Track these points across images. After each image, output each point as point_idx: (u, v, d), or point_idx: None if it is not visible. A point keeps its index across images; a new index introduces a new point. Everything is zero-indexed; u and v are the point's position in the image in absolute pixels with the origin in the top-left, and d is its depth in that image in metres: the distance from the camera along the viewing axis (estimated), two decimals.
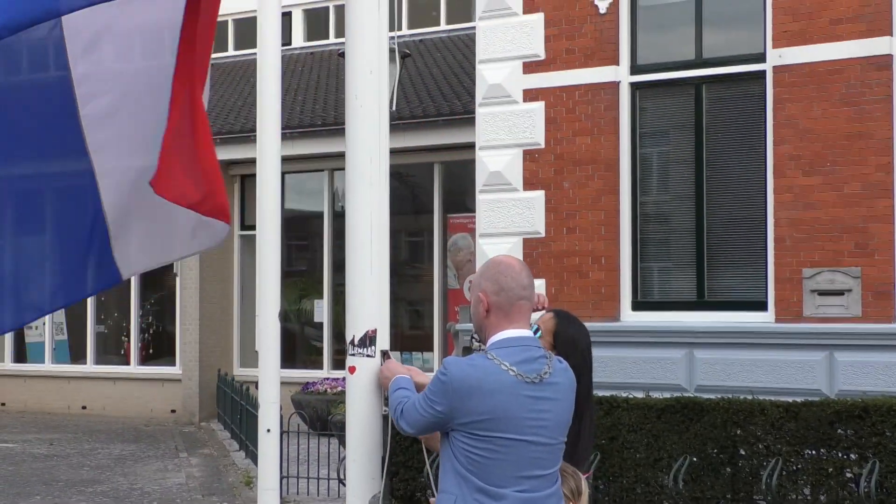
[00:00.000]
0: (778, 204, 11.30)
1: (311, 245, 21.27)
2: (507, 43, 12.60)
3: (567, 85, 12.31)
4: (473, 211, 13.29)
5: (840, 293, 10.97)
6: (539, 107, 12.44)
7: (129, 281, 22.09)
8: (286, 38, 23.54)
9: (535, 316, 4.56)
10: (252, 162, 8.51)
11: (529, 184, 12.48)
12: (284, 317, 14.18)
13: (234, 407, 16.63)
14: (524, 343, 3.90)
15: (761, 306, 11.44)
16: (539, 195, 12.43)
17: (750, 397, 9.73)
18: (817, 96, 11.14)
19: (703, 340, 11.52)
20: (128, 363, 22.34)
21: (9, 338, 23.67)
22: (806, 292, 11.11)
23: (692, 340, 11.57)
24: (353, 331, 3.89)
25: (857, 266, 10.91)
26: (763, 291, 11.45)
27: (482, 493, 3.79)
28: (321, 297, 20.50)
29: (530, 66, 12.50)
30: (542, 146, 12.42)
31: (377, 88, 3.77)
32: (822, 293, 11.05)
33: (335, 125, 18.58)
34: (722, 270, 11.79)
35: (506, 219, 12.53)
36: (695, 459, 9.73)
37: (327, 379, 18.46)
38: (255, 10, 5.17)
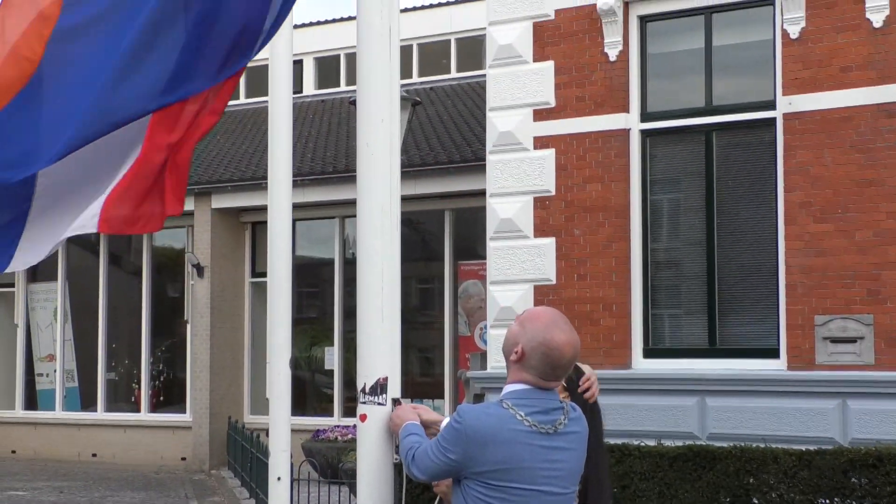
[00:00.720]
0: (789, 251, 11.28)
1: (321, 292, 21.28)
2: (517, 90, 12.64)
3: (577, 132, 12.33)
4: (484, 258, 13.29)
5: (852, 340, 10.92)
6: (550, 154, 12.46)
7: (139, 328, 22.10)
8: (297, 86, 23.66)
9: None
10: (263, 209, 8.53)
11: (540, 231, 12.48)
12: (295, 364, 14.17)
13: (244, 454, 16.57)
14: (541, 395, 3.88)
15: (773, 353, 11.40)
16: (550, 242, 12.43)
17: (763, 445, 9.67)
18: (828, 143, 11.15)
19: (714, 388, 11.47)
20: (138, 410, 22.30)
21: (19, 385, 23.67)
22: (818, 339, 11.06)
23: (704, 388, 11.52)
24: (364, 378, 3.88)
25: (869, 313, 10.87)
26: (775, 338, 11.41)
27: None
28: (332, 344, 20.48)
29: (541, 114, 12.53)
30: (553, 193, 12.43)
31: (388, 136, 3.77)
32: (835, 340, 11.00)
33: (346, 172, 18.63)
34: (734, 317, 11.75)
35: (517, 266, 12.53)
36: None
37: (338, 426, 18.41)
38: (266, 59, 5.21)
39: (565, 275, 12.32)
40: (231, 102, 24.96)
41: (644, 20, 12.21)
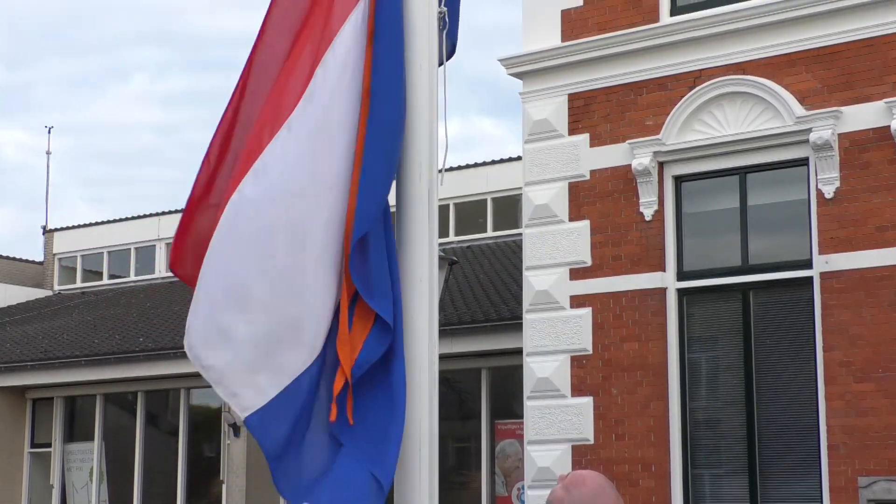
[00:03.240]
0: (830, 410, 11.15)
1: None
2: (553, 250, 12.72)
3: (614, 291, 12.36)
4: (521, 417, 13.20)
5: None
6: (586, 313, 12.47)
7: (174, 488, 21.95)
8: None
9: None
10: None
11: (577, 390, 12.42)
12: None
13: None
14: None
15: None
16: (587, 401, 12.35)
17: None
18: (866, 302, 11.11)
19: None
20: None
21: None
22: (862, 502, 10.85)
23: None
24: None
25: None
26: (818, 500, 11.20)
27: None
28: None
29: (577, 272, 12.58)
30: (590, 352, 12.41)
31: (427, 296, 3.81)
32: (880, 503, 10.79)
33: None
34: (775, 478, 11.57)
35: (554, 425, 12.43)
36: None
37: None
38: None
39: (603, 434, 12.21)
40: None
41: (679, 180, 12.32)
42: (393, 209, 3.79)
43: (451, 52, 4.07)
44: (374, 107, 3.73)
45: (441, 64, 3.96)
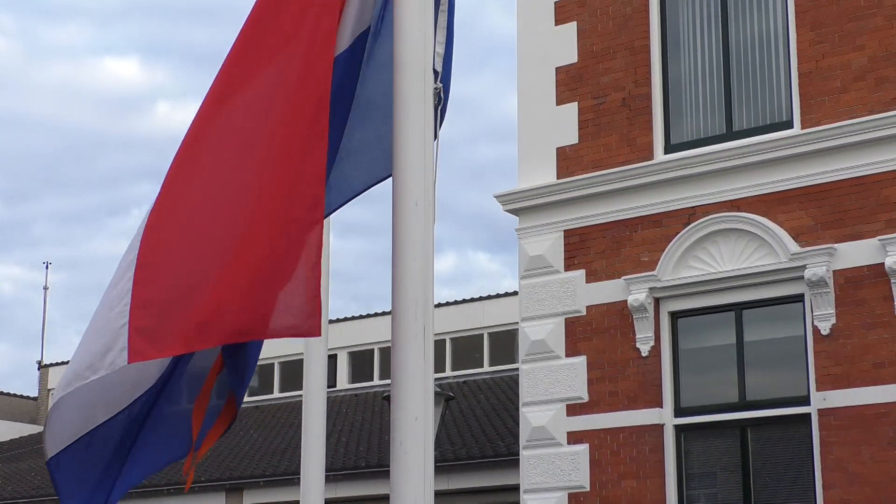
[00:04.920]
0: None
1: None
2: (550, 385, 12.68)
3: (611, 427, 12.29)
4: None
5: None
6: (583, 449, 12.37)
7: None
8: (331, 380, 23.84)
9: None
10: None
11: None
12: None
13: None
14: None
15: None
16: None
17: None
18: (865, 440, 11.03)
19: None
20: None
21: None
22: None
23: None
24: None
25: None
26: None
27: None
28: None
29: (574, 408, 12.52)
30: (588, 489, 12.27)
31: (422, 434, 3.79)
32: None
33: (379, 467, 18.50)
34: None
35: None
36: None
37: None
38: (301, 353, 5.29)
39: None
40: (265, 396, 25.10)
41: (675, 316, 12.34)
42: (388, 345, 3.79)
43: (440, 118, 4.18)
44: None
45: (435, 138, 4.02)
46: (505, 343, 23.32)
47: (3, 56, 65.50)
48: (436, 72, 4.14)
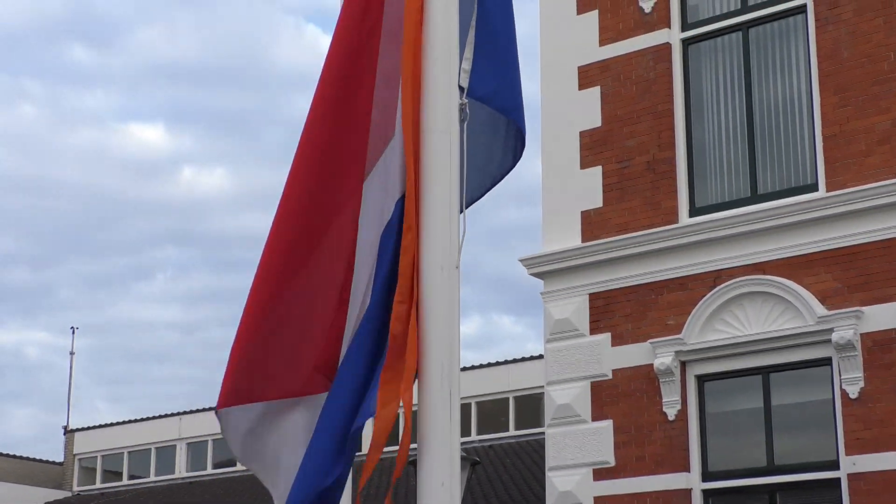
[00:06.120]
0: None
1: None
2: (576, 450, 12.59)
3: (638, 492, 12.18)
4: None
5: None
6: None
7: None
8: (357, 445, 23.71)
9: None
10: None
11: None
12: None
13: None
14: None
15: None
16: None
17: None
18: None
19: None
20: None
21: None
22: None
23: None
24: None
25: None
26: None
27: None
28: None
29: (600, 473, 12.43)
30: None
31: (449, 502, 3.78)
32: None
33: None
34: None
35: None
36: None
37: None
38: None
39: None
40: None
41: (701, 379, 12.27)
42: (414, 409, 3.79)
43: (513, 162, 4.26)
44: None
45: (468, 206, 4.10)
46: (530, 406, 23.22)
47: (31, 122, 66.34)
48: (461, 88, 4.13)
